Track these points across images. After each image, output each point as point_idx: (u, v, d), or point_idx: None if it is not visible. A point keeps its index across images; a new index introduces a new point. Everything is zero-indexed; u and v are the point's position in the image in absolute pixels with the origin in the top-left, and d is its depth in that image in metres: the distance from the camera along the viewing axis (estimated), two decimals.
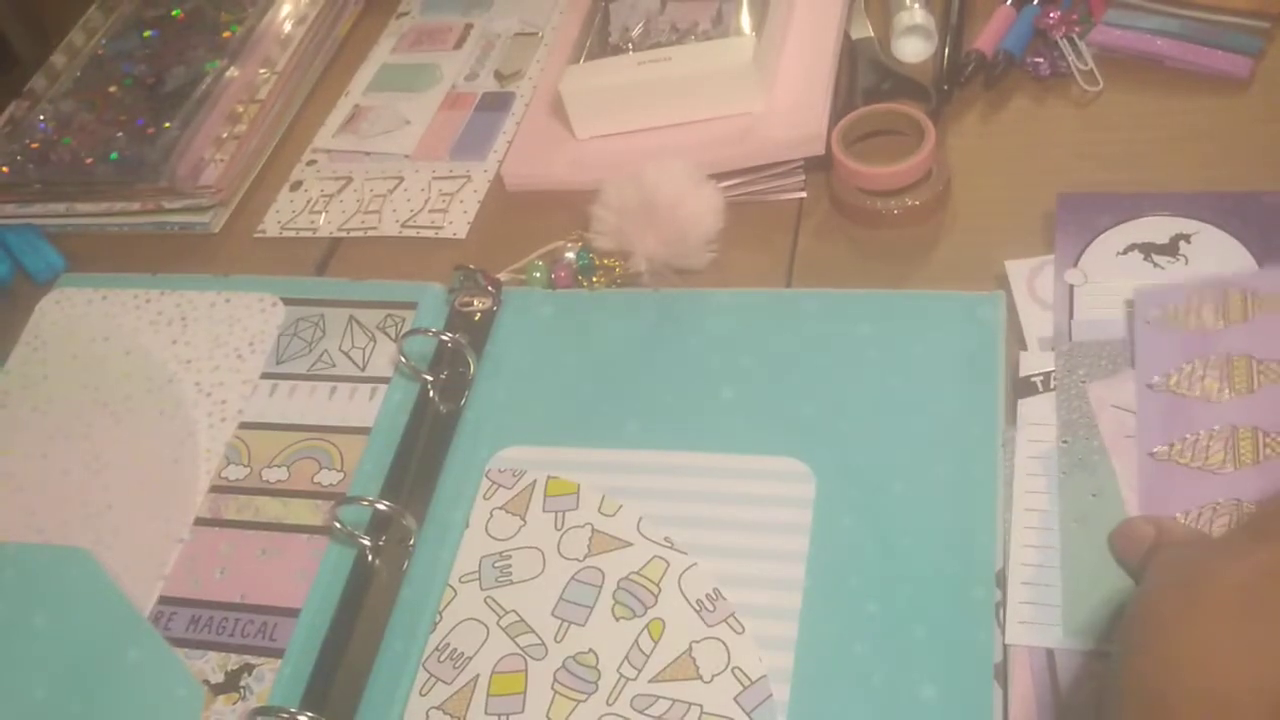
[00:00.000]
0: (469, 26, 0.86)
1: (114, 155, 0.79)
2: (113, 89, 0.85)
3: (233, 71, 0.83)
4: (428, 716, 0.52)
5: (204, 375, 0.67)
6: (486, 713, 0.51)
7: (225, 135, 0.80)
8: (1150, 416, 0.52)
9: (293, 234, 0.75)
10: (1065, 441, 0.52)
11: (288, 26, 0.86)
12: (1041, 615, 0.48)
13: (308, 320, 0.68)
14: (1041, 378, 0.55)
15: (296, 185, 0.78)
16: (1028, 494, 0.52)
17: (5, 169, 0.81)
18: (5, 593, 0.60)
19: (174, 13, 0.89)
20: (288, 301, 0.69)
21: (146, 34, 0.88)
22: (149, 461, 0.64)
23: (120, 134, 0.80)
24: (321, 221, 0.75)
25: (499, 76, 0.81)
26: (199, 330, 0.69)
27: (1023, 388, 0.55)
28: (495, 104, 0.79)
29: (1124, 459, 0.51)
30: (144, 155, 0.78)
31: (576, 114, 0.72)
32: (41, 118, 0.84)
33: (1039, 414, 0.54)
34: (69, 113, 0.84)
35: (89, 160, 0.80)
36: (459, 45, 0.84)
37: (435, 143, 0.78)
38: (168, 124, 0.80)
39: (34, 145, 0.82)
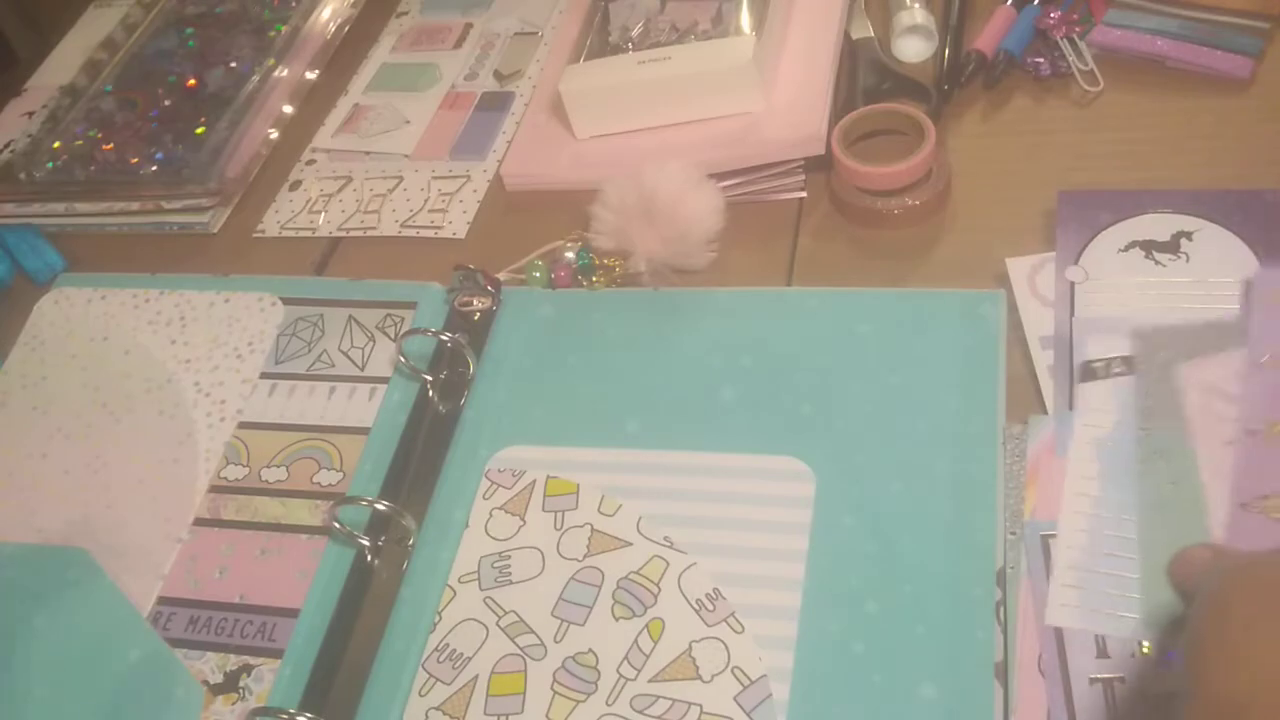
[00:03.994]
0: (468, 26, 0.86)
1: (159, 156, 0.79)
2: (155, 88, 0.85)
3: (281, 71, 0.83)
4: (427, 717, 0.52)
5: (203, 375, 0.67)
6: (486, 713, 0.51)
7: (273, 135, 0.80)
8: (1254, 393, 0.51)
9: (292, 234, 0.75)
10: (1144, 429, 0.52)
11: (332, 27, 0.86)
12: (1087, 600, 0.48)
13: (307, 320, 0.68)
14: (1103, 363, 0.55)
15: (296, 185, 0.78)
16: (1082, 479, 0.51)
17: (50, 167, 0.82)
18: (5, 593, 0.60)
19: (216, 10, 0.90)
20: (287, 301, 0.69)
21: (189, 31, 0.89)
22: (148, 461, 0.64)
23: (167, 135, 0.81)
24: (321, 221, 0.75)
25: (499, 76, 0.81)
26: (198, 330, 0.69)
27: (1084, 373, 0.54)
28: (495, 104, 0.79)
29: (1210, 442, 0.51)
30: (191, 156, 0.78)
31: (576, 114, 0.72)
32: (83, 117, 0.84)
33: (1099, 399, 0.53)
34: (109, 111, 0.84)
35: (134, 160, 0.80)
36: (459, 45, 0.84)
37: (435, 142, 0.78)
38: (215, 124, 0.80)
39: (78, 143, 0.82)
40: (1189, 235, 0.58)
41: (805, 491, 0.54)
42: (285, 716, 0.52)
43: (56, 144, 0.83)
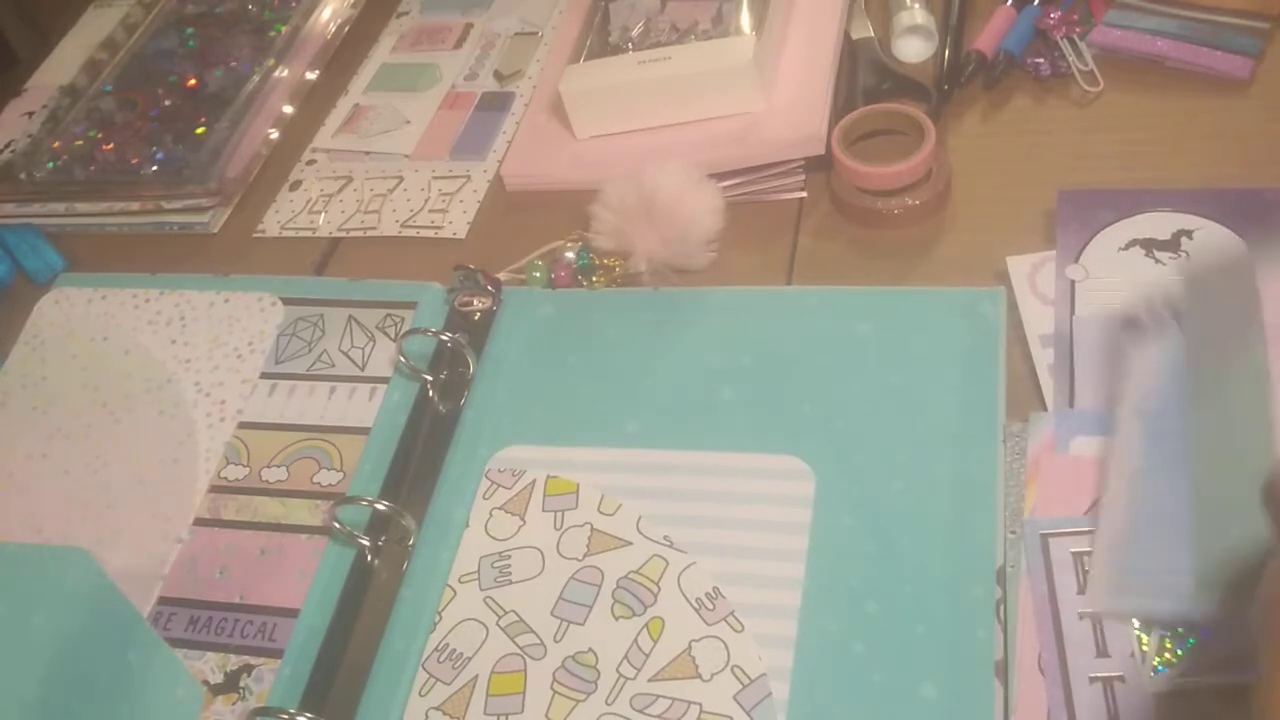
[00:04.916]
0: (469, 26, 0.86)
1: (160, 156, 0.79)
2: (156, 88, 0.85)
3: (281, 71, 0.83)
4: (427, 717, 0.51)
5: (203, 375, 0.67)
6: (486, 713, 0.51)
7: (273, 135, 0.80)
8: None
9: (292, 234, 0.75)
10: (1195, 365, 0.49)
11: (332, 27, 0.86)
12: (1132, 581, 0.47)
13: (307, 320, 0.68)
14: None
15: (296, 185, 0.78)
16: (1125, 457, 0.49)
17: (50, 167, 0.82)
18: (5, 593, 0.60)
19: (217, 10, 0.90)
20: (287, 301, 0.69)
21: (189, 31, 0.89)
22: (148, 461, 0.64)
23: (167, 135, 0.81)
24: (321, 221, 0.75)
25: (499, 76, 0.81)
26: (198, 330, 0.69)
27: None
28: (495, 104, 0.79)
29: None
30: (191, 156, 0.79)
31: (576, 114, 0.72)
32: (83, 117, 0.85)
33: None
34: (109, 111, 0.84)
35: (134, 160, 0.80)
36: (459, 45, 0.84)
37: (435, 142, 0.78)
38: (215, 124, 0.80)
39: (78, 143, 0.82)
40: (1189, 234, 0.58)
41: (805, 490, 0.54)
42: (285, 716, 0.52)
43: (56, 144, 0.83)
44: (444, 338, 0.63)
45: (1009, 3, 0.73)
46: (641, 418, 0.59)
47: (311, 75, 0.84)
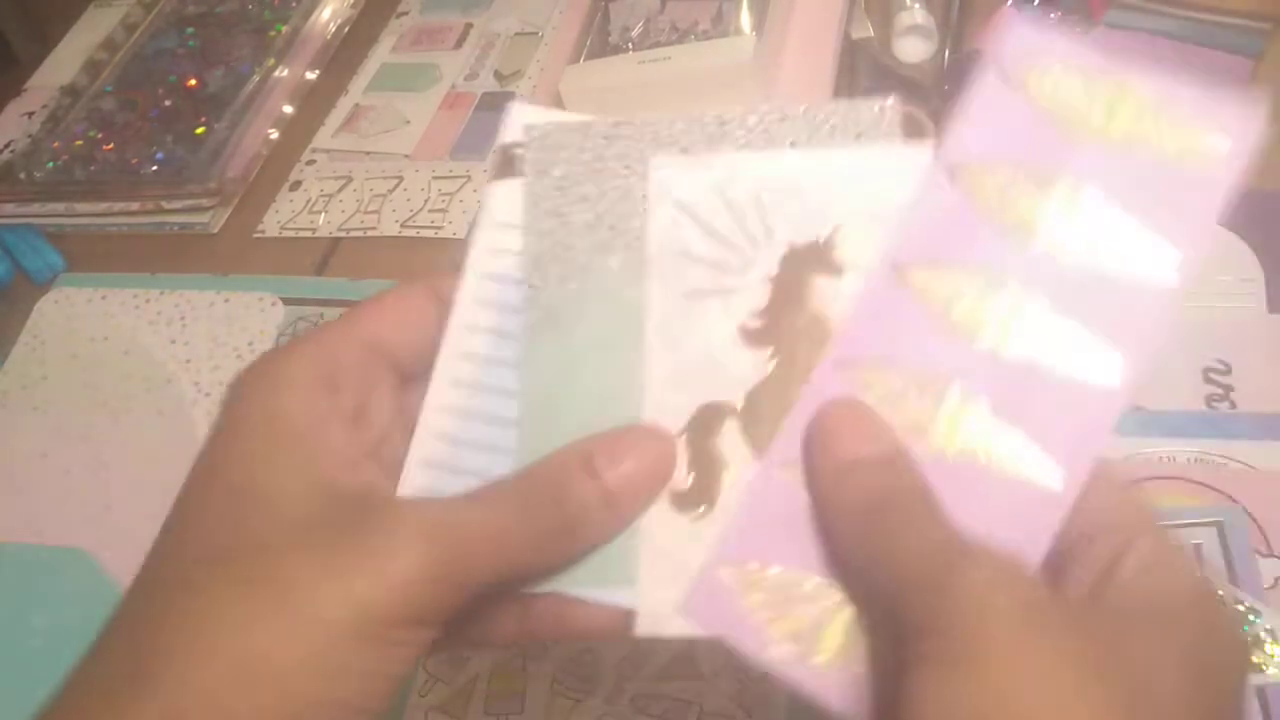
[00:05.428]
0: (469, 26, 0.86)
1: (160, 156, 0.79)
2: (156, 88, 0.85)
3: (281, 71, 0.83)
4: (427, 717, 0.51)
5: (203, 375, 0.67)
6: (486, 713, 0.51)
7: (273, 135, 0.80)
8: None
9: (292, 234, 0.75)
10: (534, 285, 0.36)
11: (332, 27, 0.86)
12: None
13: (307, 320, 0.68)
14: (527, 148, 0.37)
15: (296, 185, 0.78)
16: (467, 332, 0.35)
17: (50, 167, 0.82)
18: (4, 593, 0.60)
19: (217, 10, 0.90)
20: (287, 301, 0.69)
21: (189, 31, 0.89)
22: (148, 461, 0.64)
23: (167, 135, 0.81)
24: (321, 221, 0.75)
25: (499, 76, 0.81)
26: (198, 330, 0.69)
27: (502, 164, 0.37)
28: (495, 104, 0.79)
29: (667, 298, 0.35)
30: (191, 156, 0.78)
31: (576, 113, 0.72)
32: (83, 117, 0.85)
33: (509, 209, 0.36)
34: (110, 111, 0.84)
35: (134, 161, 0.80)
36: (459, 45, 0.84)
37: (435, 142, 0.78)
38: (215, 124, 0.80)
39: (78, 143, 0.82)
40: None
41: None
42: None
43: (56, 144, 0.83)
44: None
45: (1009, 3, 0.73)
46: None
47: (311, 75, 0.84)
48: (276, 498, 0.31)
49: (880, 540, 0.29)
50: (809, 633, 0.31)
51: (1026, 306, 0.32)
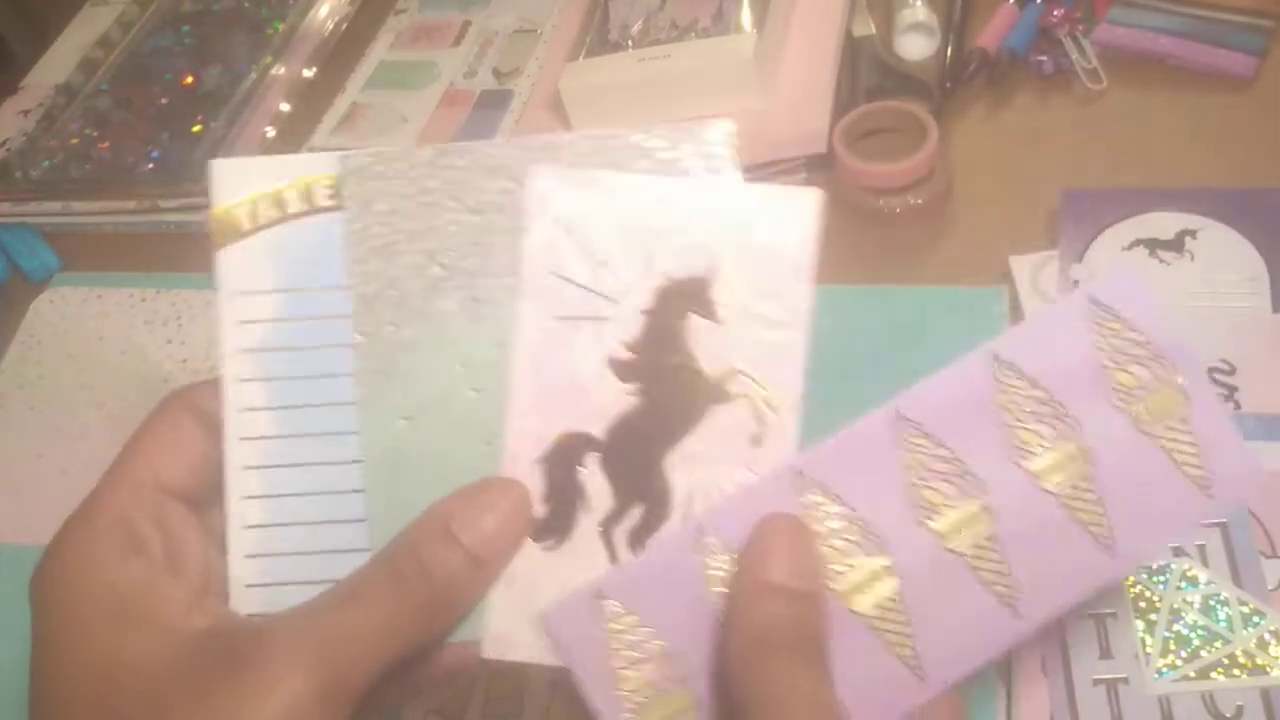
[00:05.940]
0: (467, 23, 0.85)
1: (156, 154, 0.79)
2: (152, 86, 0.84)
3: (278, 69, 0.82)
4: (426, 717, 0.51)
5: (200, 375, 0.67)
6: (485, 714, 0.51)
7: (270, 134, 0.80)
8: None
9: None
10: (363, 335, 0.35)
11: (329, 25, 0.86)
12: (273, 598, 0.34)
13: None
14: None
15: None
16: (243, 413, 0.35)
17: (46, 165, 0.81)
18: (3, 593, 0.60)
19: (214, 8, 0.89)
20: None
21: (185, 29, 0.88)
22: None
23: (164, 133, 0.80)
24: None
25: (497, 74, 0.81)
26: (195, 330, 0.69)
27: (223, 228, 0.37)
28: (494, 102, 0.79)
29: (534, 331, 0.34)
30: (188, 155, 0.78)
31: (576, 112, 0.72)
32: (79, 115, 0.84)
33: (249, 274, 0.37)
34: (106, 109, 0.84)
35: (130, 159, 0.79)
36: (457, 43, 0.84)
37: (433, 141, 0.77)
38: (212, 123, 0.80)
39: (74, 142, 0.82)
40: (1193, 234, 0.58)
41: None
42: None
43: (52, 142, 0.83)
44: None
45: (1012, 0, 0.72)
46: None
47: (309, 73, 0.84)
48: (138, 668, 0.30)
49: (758, 668, 0.30)
50: (651, 695, 0.32)
51: (983, 524, 0.33)
